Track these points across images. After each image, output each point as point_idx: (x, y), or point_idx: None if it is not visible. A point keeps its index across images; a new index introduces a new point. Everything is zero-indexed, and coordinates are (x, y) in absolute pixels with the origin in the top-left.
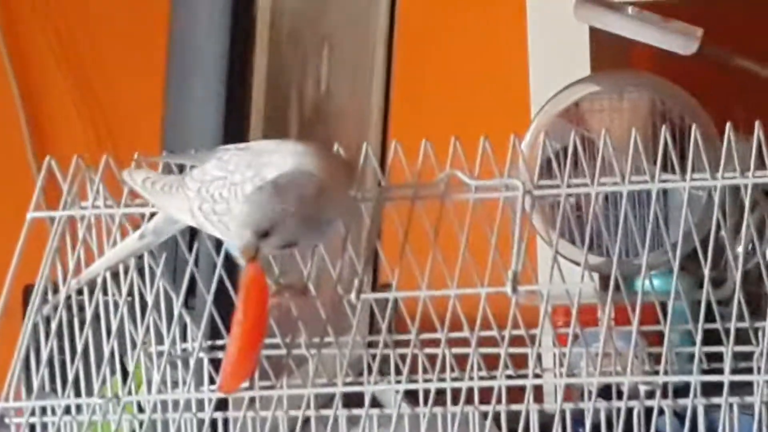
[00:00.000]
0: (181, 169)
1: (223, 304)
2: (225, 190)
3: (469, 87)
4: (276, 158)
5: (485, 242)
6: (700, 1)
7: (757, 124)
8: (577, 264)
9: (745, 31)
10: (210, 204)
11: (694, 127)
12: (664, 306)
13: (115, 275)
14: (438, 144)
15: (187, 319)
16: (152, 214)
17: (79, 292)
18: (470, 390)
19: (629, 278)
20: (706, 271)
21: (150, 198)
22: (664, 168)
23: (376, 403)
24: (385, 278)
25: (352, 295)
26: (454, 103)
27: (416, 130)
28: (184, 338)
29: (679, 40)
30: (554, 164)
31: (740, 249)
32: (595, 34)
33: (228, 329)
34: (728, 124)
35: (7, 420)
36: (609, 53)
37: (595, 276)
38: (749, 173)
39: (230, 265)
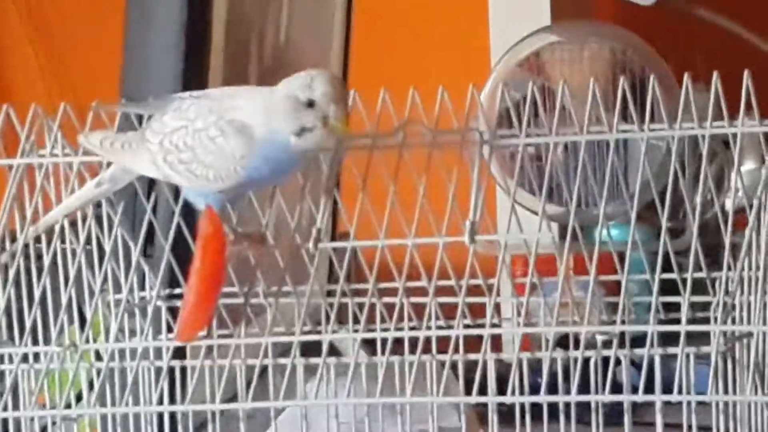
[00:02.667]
0: (140, 118)
1: (182, 252)
2: (189, 138)
3: (429, 35)
4: (240, 102)
5: (444, 192)
6: None
7: (714, 74)
8: (536, 213)
9: None
10: (175, 154)
11: (652, 77)
12: (622, 256)
13: (73, 223)
14: (397, 94)
15: (146, 268)
16: (109, 163)
17: (37, 240)
18: (428, 339)
19: (588, 228)
20: (664, 222)
21: (110, 157)
22: (624, 118)
23: (334, 351)
24: (344, 227)
25: (310, 244)
26: (414, 52)
27: (375, 80)
28: (142, 287)
29: None
30: (513, 113)
31: (698, 196)
32: None
33: (186, 278)
34: (686, 75)
35: None
36: (569, 3)
37: (554, 226)
38: (707, 124)
39: (188, 213)
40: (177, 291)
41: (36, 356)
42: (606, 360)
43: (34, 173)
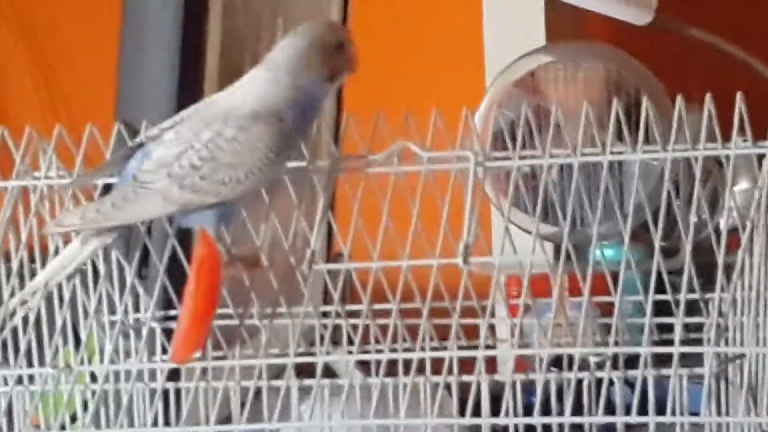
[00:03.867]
0: (135, 134)
1: (176, 273)
2: (203, 152)
3: (424, 56)
4: (237, 99)
5: (438, 213)
6: None
7: (707, 96)
8: (530, 233)
9: (700, 1)
10: (192, 175)
11: (645, 98)
12: (616, 276)
13: (68, 243)
14: (392, 115)
15: (140, 289)
16: (105, 186)
17: (32, 260)
18: (422, 360)
19: (582, 248)
20: (657, 243)
21: (106, 223)
22: (619, 138)
23: (328, 372)
24: (339, 247)
25: (305, 266)
26: (409, 73)
27: (370, 101)
28: (137, 308)
29: (634, 11)
30: (507, 135)
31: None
32: (551, 3)
33: (181, 299)
34: (679, 97)
35: None
36: (564, 23)
37: (549, 245)
38: (700, 145)
39: (183, 234)
40: (172, 312)
41: (31, 378)
42: (600, 381)
43: (29, 195)
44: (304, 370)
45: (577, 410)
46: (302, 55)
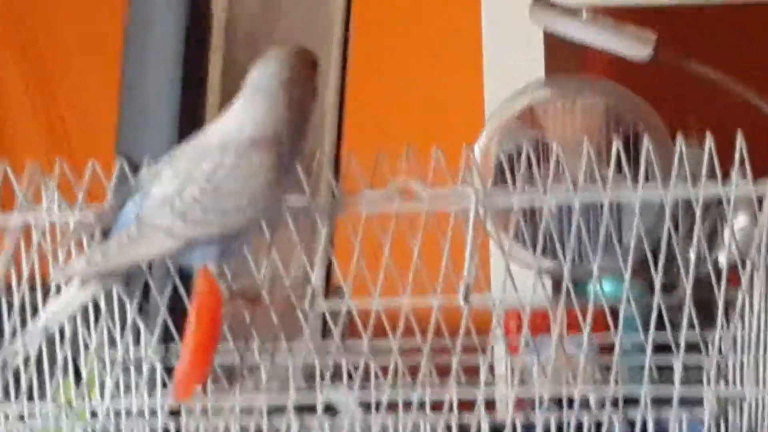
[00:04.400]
0: (135, 168)
1: (177, 308)
2: (204, 184)
3: (424, 89)
4: (229, 124)
5: (438, 249)
6: (654, 5)
7: (708, 135)
8: (529, 267)
9: (699, 37)
10: (196, 209)
11: (646, 137)
12: (614, 310)
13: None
14: (392, 149)
15: (141, 325)
16: (106, 231)
17: (33, 295)
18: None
19: (581, 282)
20: (657, 283)
21: (112, 265)
22: (618, 170)
23: (328, 408)
24: (338, 280)
25: (305, 304)
26: (409, 105)
27: (371, 131)
28: (137, 342)
29: (633, 45)
30: (507, 169)
31: (692, 254)
32: (550, 38)
33: (181, 335)
34: (679, 136)
35: None
36: (563, 57)
37: (547, 279)
38: (700, 184)
39: (183, 269)
40: (172, 347)
41: (32, 414)
42: (599, 421)
43: (31, 230)
44: (305, 407)
45: None
46: (294, 75)
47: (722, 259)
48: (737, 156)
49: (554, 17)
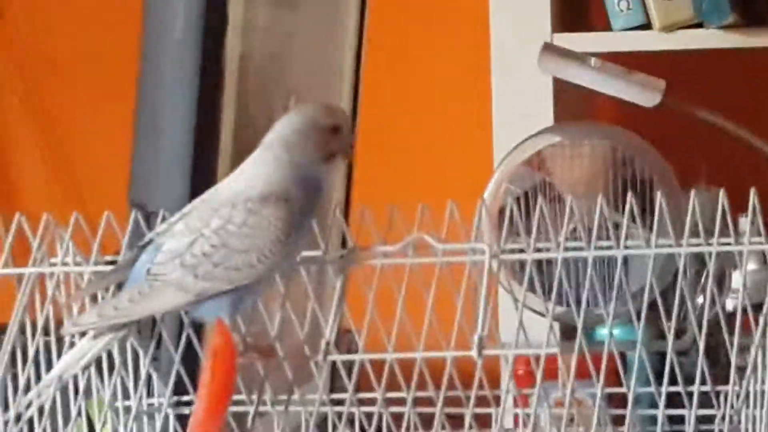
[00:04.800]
0: (147, 218)
1: (189, 357)
2: (214, 239)
3: (433, 135)
4: (240, 184)
5: (450, 299)
6: (663, 53)
7: (721, 192)
8: (540, 314)
9: (708, 84)
10: (205, 263)
11: (658, 189)
12: (622, 355)
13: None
14: (401, 194)
15: (154, 375)
16: (120, 285)
17: (47, 347)
18: None
19: (590, 327)
20: (670, 341)
21: (124, 318)
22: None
23: None
24: (347, 323)
25: (319, 357)
26: (417, 152)
27: (380, 178)
28: (149, 392)
29: (642, 93)
30: (514, 211)
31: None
32: (559, 84)
33: (194, 383)
34: (693, 192)
35: None
36: (572, 103)
37: (556, 324)
38: (713, 240)
39: (195, 319)
40: (185, 398)
41: None
42: None
43: (45, 282)
44: None
45: None
46: (298, 136)
47: (730, 305)
48: (750, 211)
49: (563, 64)
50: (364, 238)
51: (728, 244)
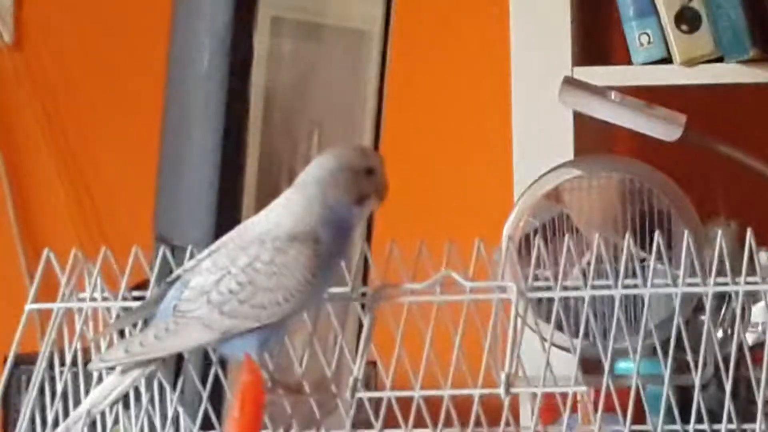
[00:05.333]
0: (173, 252)
1: (216, 393)
2: (241, 277)
3: (454, 168)
4: (270, 220)
5: (478, 337)
6: (684, 87)
7: (749, 232)
8: (565, 350)
9: (728, 118)
10: (232, 301)
11: (686, 232)
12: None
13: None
14: (422, 230)
15: (180, 411)
16: (145, 322)
17: (75, 381)
18: None
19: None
20: (697, 378)
21: (151, 355)
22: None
23: None
24: (370, 354)
25: (347, 393)
26: (438, 185)
27: (399, 212)
28: (176, 429)
29: (663, 127)
30: (531, 239)
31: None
32: (580, 118)
33: (219, 418)
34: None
35: None
36: (593, 137)
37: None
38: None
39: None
40: None
41: None
42: None
43: (74, 318)
44: None
45: None
46: (330, 177)
47: (750, 340)
48: (746, 252)
49: (584, 97)
50: (388, 272)
51: (754, 283)
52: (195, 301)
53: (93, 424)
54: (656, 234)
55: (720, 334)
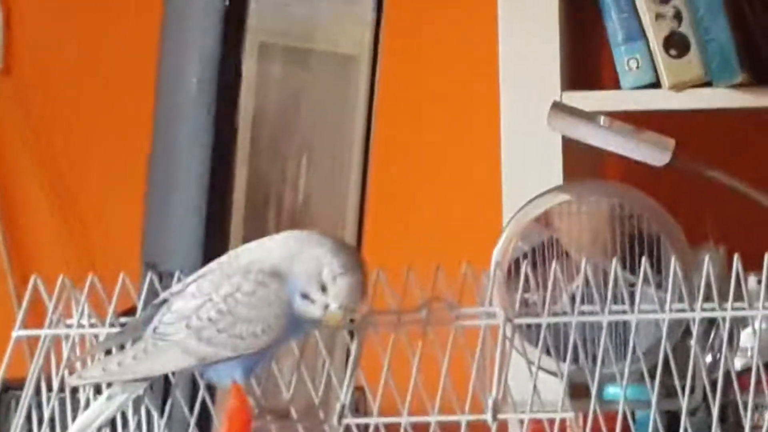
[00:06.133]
0: (160, 278)
1: (203, 419)
2: (221, 305)
3: (442, 193)
4: (259, 255)
5: (465, 362)
6: (672, 112)
7: (736, 257)
8: (552, 374)
9: (717, 143)
10: (210, 328)
11: (674, 257)
12: (632, 413)
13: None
14: (410, 254)
15: None
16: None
17: (62, 407)
18: None
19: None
20: (684, 401)
21: (127, 376)
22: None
23: None
24: (357, 380)
25: (334, 419)
26: (427, 209)
27: (388, 236)
28: None
29: (652, 151)
30: (521, 264)
31: (708, 359)
32: (568, 143)
33: None
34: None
35: None
36: (582, 161)
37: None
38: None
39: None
40: None
41: None
42: None
43: (61, 344)
44: None
45: None
46: (299, 257)
47: (738, 365)
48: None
49: (572, 122)
50: (376, 298)
51: (741, 308)
52: (174, 326)
53: None
54: (644, 259)
55: (709, 359)
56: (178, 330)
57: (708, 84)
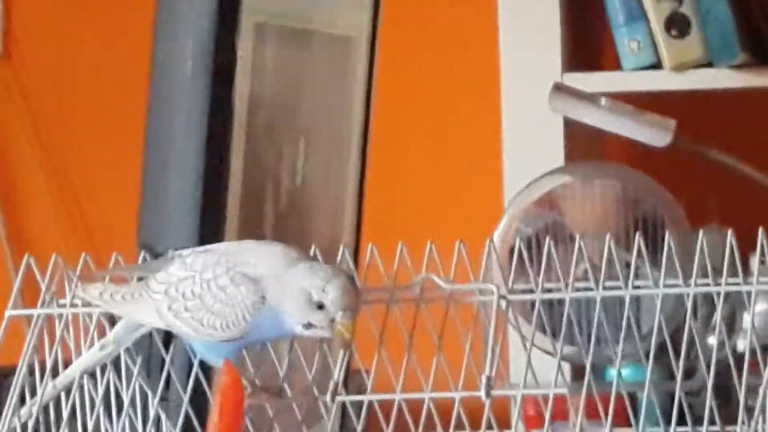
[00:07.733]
0: (156, 257)
1: (198, 397)
2: (196, 287)
3: (443, 176)
4: (251, 259)
5: (459, 340)
6: (673, 92)
7: (729, 232)
8: (549, 353)
9: (718, 124)
10: (180, 302)
11: (667, 228)
12: (632, 396)
13: (93, 375)
14: (411, 234)
15: (162, 415)
16: (112, 321)
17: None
18: None
19: (601, 367)
20: (679, 381)
21: (112, 309)
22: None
23: None
24: (356, 363)
25: (327, 397)
26: (428, 193)
27: (390, 216)
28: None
29: (653, 132)
30: (524, 250)
31: (711, 341)
32: (570, 124)
33: (202, 425)
34: (701, 232)
35: None
36: (583, 143)
37: (565, 364)
38: (722, 280)
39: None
40: None
41: None
42: None
43: (54, 324)
44: None
45: None
46: (285, 287)
47: (741, 346)
48: (759, 252)
49: (573, 104)
50: (372, 276)
51: (737, 284)
52: (159, 285)
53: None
54: (637, 235)
55: (712, 340)
56: (159, 291)
57: (709, 65)
